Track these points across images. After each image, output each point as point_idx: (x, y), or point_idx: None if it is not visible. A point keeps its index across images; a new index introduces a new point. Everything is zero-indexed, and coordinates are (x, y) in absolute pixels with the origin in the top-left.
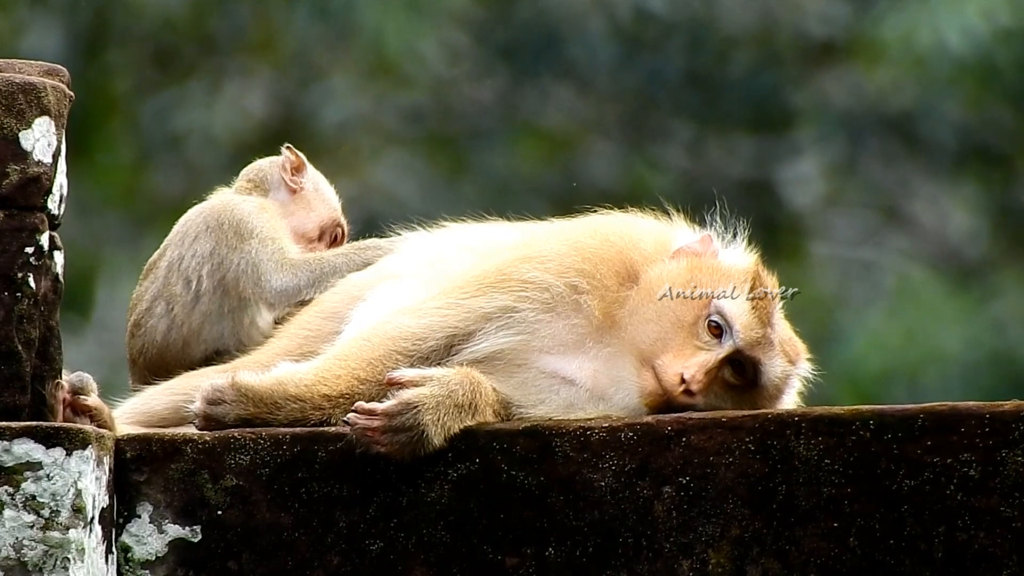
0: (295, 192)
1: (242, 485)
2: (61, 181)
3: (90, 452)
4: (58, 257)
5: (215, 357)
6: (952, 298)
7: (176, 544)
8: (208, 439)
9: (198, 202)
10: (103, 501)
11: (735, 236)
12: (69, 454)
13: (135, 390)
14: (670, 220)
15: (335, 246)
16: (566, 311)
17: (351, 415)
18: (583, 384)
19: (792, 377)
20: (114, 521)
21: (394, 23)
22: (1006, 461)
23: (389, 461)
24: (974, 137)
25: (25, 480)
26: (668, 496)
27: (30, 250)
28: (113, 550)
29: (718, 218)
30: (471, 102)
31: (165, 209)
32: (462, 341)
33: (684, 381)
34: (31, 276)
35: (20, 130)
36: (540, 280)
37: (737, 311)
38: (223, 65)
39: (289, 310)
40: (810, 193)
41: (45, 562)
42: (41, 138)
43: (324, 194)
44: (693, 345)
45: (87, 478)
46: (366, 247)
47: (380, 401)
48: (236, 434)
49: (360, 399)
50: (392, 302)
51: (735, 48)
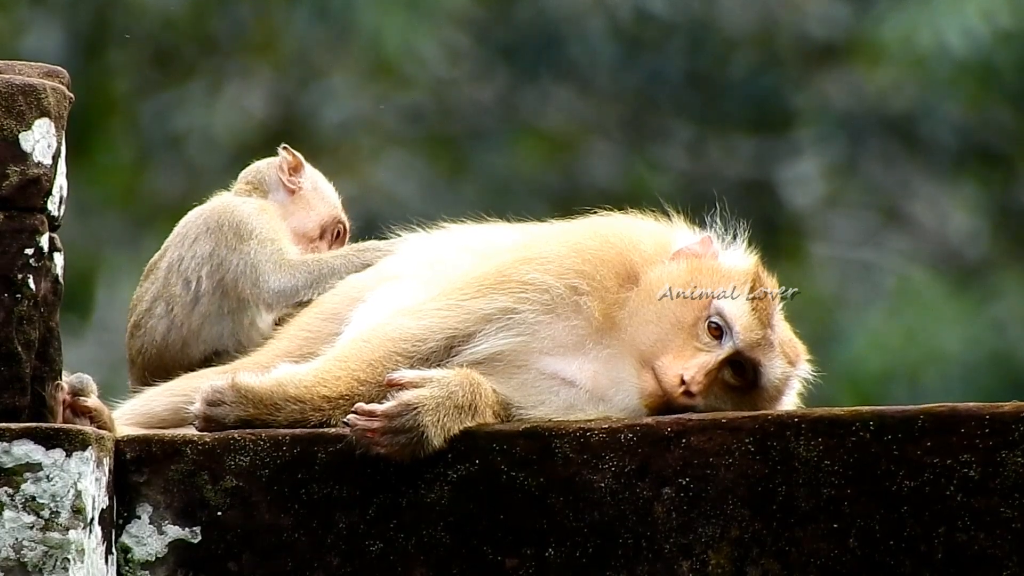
0: (294, 192)
1: (242, 486)
2: (61, 182)
3: (90, 453)
4: (58, 258)
5: (214, 358)
6: (952, 299)
7: (176, 545)
8: (208, 440)
9: (198, 203)
10: (103, 502)
11: (735, 237)
12: (69, 455)
13: (134, 391)
14: (670, 221)
15: (337, 244)
16: (566, 312)
17: (351, 416)
18: (583, 385)
19: (792, 378)
20: (114, 522)
21: (394, 23)
22: (1006, 462)
23: (389, 462)
24: (974, 138)
25: (25, 481)
26: (668, 497)
27: (30, 251)
28: (113, 551)
29: (718, 219)
30: (471, 102)
31: (165, 210)
32: (462, 342)
33: (684, 382)
34: (31, 277)
35: (20, 131)
36: (540, 281)
37: (737, 312)
38: (223, 65)
39: (288, 311)
40: (810, 194)
41: (45, 563)
42: (41, 139)
43: (323, 192)
44: (693, 346)
45: (87, 479)
46: (365, 248)
47: (380, 402)
48: (236, 435)
49: (360, 400)
50: (392, 303)
51: (735, 49)
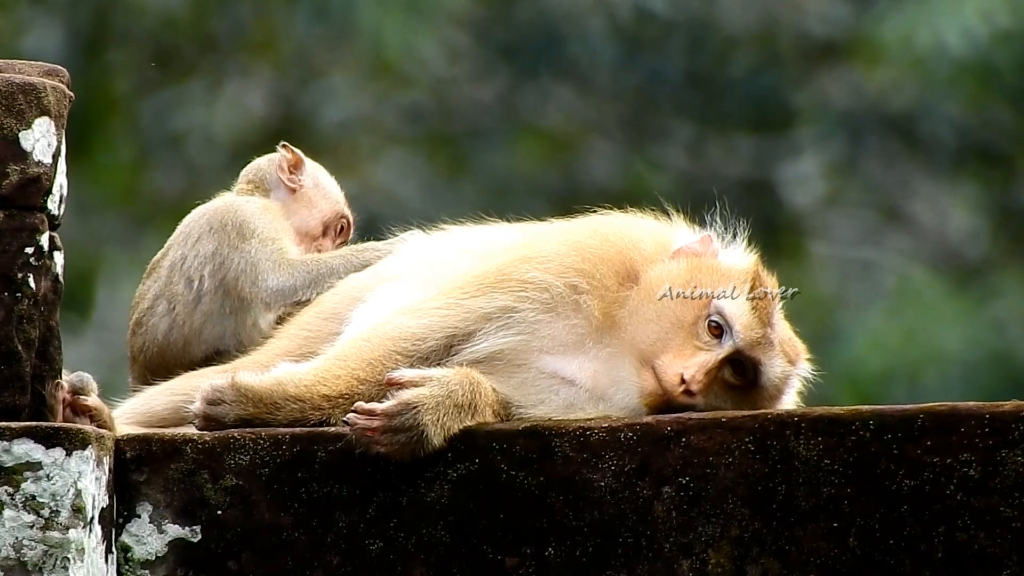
0: (295, 191)
1: (242, 485)
2: (61, 181)
3: (90, 452)
4: (58, 257)
5: (216, 357)
6: (952, 298)
7: (176, 544)
8: (208, 439)
9: (199, 202)
10: (103, 501)
11: (735, 236)
12: (69, 454)
13: (135, 390)
14: (670, 220)
15: (342, 238)
16: (566, 311)
17: (351, 415)
18: (583, 384)
19: (792, 377)
20: (114, 521)
21: (394, 23)
22: (1006, 461)
23: (389, 461)
24: (974, 137)
25: (25, 480)
26: (668, 496)
27: (30, 250)
28: (113, 550)
29: (718, 218)
30: (471, 102)
31: (165, 209)
32: (462, 341)
33: (684, 381)
34: (31, 276)
35: (20, 130)
36: (540, 280)
37: (737, 311)
38: (223, 65)
39: (288, 311)
40: (810, 193)
41: (45, 562)
42: (41, 138)
43: (325, 188)
44: (693, 345)
45: (87, 478)
46: (364, 249)
47: (380, 401)
48: (236, 434)
49: (360, 399)
50: (392, 303)
51: (735, 48)
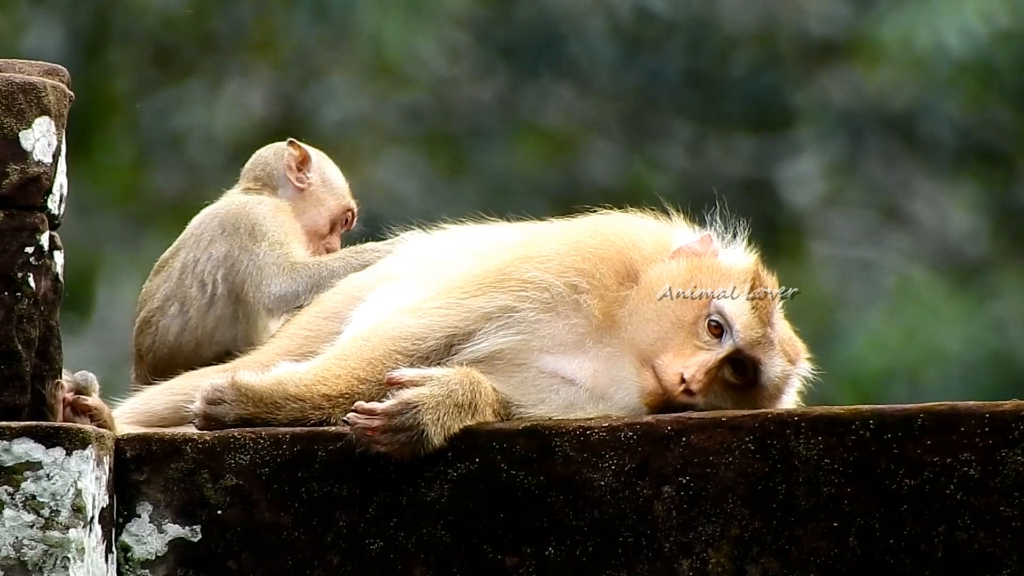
0: (303, 190)
1: (242, 485)
2: (61, 181)
3: (90, 452)
4: (58, 257)
5: (225, 358)
6: (952, 298)
7: (176, 544)
8: (208, 439)
9: (207, 201)
10: (103, 501)
11: (735, 236)
12: (69, 454)
13: (135, 389)
14: (670, 220)
15: (346, 228)
16: (566, 311)
17: (351, 415)
18: (583, 384)
19: (792, 377)
20: (114, 521)
21: (394, 22)
22: (1006, 460)
23: (389, 461)
24: (974, 137)
25: (25, 480)
26: (668, 496)
27: (30, 250)
28: (113, 549)
29: (718, 218)
30: (471, 101)
31: (165, 208)
32: (462, 341)
33: (684, 381)
34: (31, 276)
35: (20, 130)
36: (540, 280)
37: (737, 311)
38: (223, 64)
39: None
40: (810, 193)
41: (45, 562)
42: (41, 138)
43: (332, 184)
44: (693, 345)
45: (87, 478)
46: (364, 250)
47: (380, 401)
48: (236, 434)
49: (360, 399)
50: (392, 302)
51: (735, 48)
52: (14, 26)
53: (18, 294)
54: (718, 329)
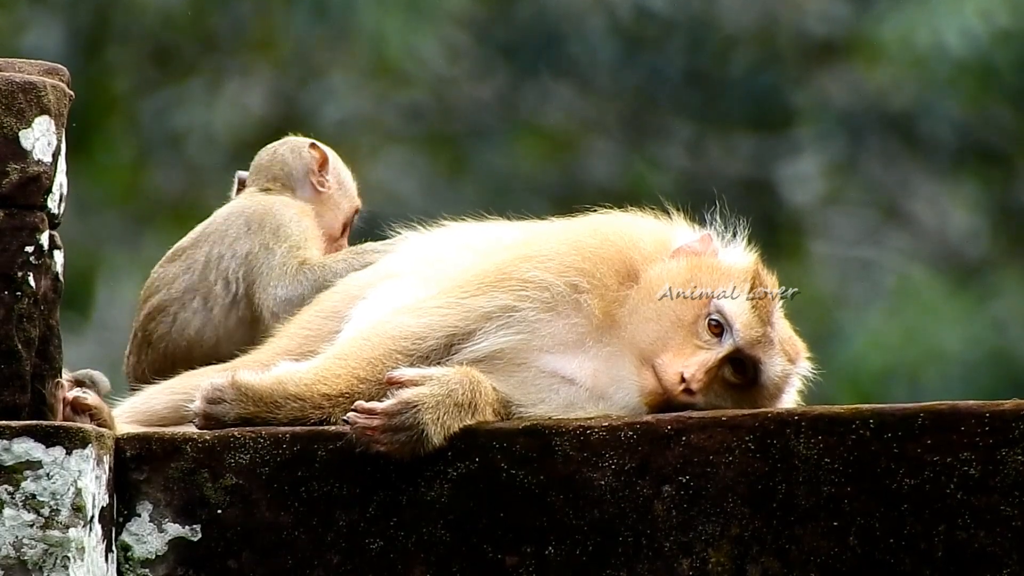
0: (321, 193)
1: (242, 484)
2: (61, 180)
3: (90, 451)
4: (58, 256)
5: (239, 355)
6: (952, 297)
7: (176, 543)
8: (208, 438)
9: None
10: (103, 500)
11: (735, 235)
12: (69, 453)
13: (133, 380)
14: (670, 219)
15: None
16: (566, 310)
17: (351, 414)
18: (583, 383)
19: (792, 376)
20: (114, 520)
21: (394, 22)
22: (1006, 460)
23: (389, 460)
24: (974, 136)
25: (25, 479)
26: (668, 495)
27: (30, 249)
28: (113, 549)
29: (718, 217)
30: (471, 101)
31: (165, 208)
32: (462, 340)
33: (684, 380)
34: (31, 275)
35: (20, 129)
36: (540, 279)
37: (737, 310)
38: (223, 63)
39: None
40: (810, 192)
41: (45, 561)
42: (41, 137)
43: (346, 186)
44: (693, 344)
45: (87, 477)
46: (365, 251)
47: (380, 400)
48: (236, 433)
49: (360, 398)
50: (392, 301)
51: (735, 47)
52: (14, 25)
53: (18, 293)
54: (718, 328)
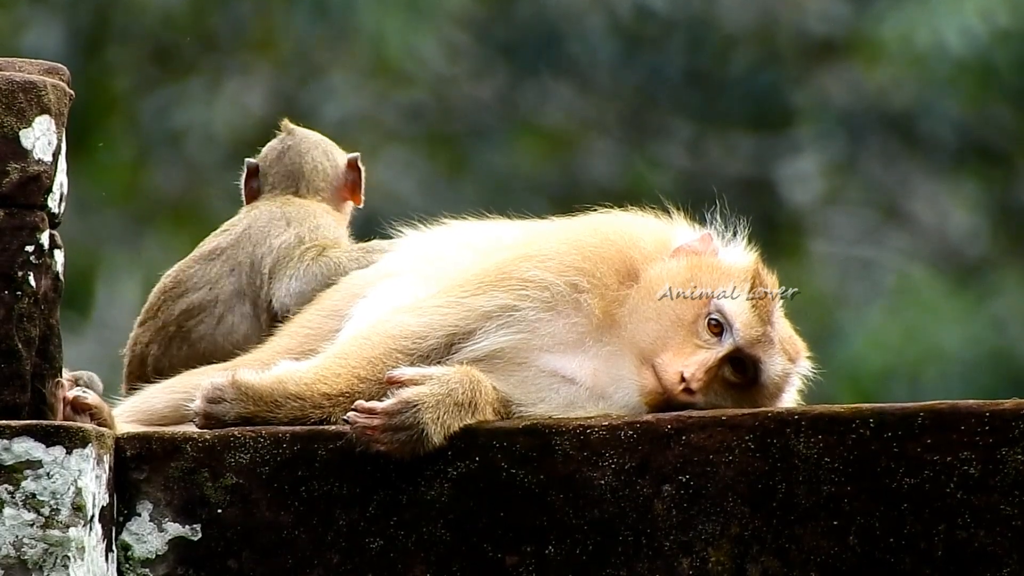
0: (345, 202)
1: (242, 483)
2: (61, 179)
3: (90, 450)
4: (58, 255)
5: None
6: (952, 296)
7: (176, 542)
8: (208, 437)
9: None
10: (103, 499)
11: (735, 234)
12: (69, 452)
13: (132, 388)
14: (670, 218)
15: None
16: (566, 310)
17: (351, 414)
18: (583, 382)
19: (792, 375)
20: (114, 519)
21: (394, 21)
22: (1006, 459)
23: (389, 459)
24: (973, 136)
25: (25, 479)
26: (668, 494)
27: (30, 248)
28: (113, 548)
29: (718, 216)
30: (471, 100)
31: (165, 207)
32: (462, 339)
33: (684, 379)
34: (31, 274)
35: (20, 128)
36: (540, 279)
37: (737, 309)
38: (223, 63)
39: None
40: (810, 191)
41: (45, 560)
42: (41, 136)
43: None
44: (693, 343)
45: (87, 476)
46: (373, 249)
47: (380, 400)
48: (236, 432)
49: (360, 397)
50: (392, 300)
51: (735, 46)
52: (14, 25)
53: (18, 293)
54: (718, 328)
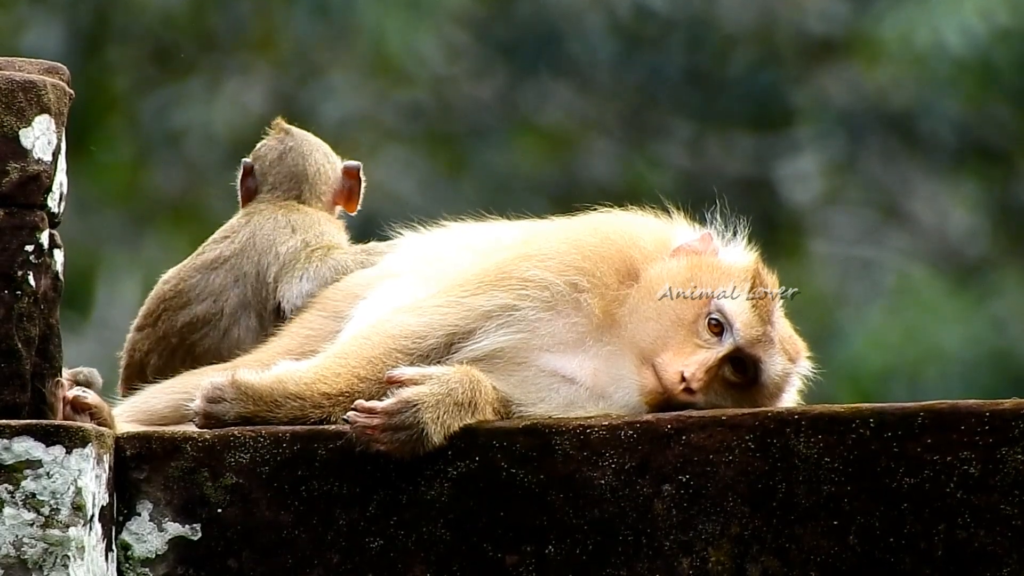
0: (337, 206)
1: (242, 483)
2: (61, 179)
3: (90, 450)
4: (58, 255)
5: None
6: (952, 296)
7: (176, 542)
8: (208, 437)
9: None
10: (103, 499)
11: (735, 234)
12: (69, 452)
13: (128, 392)
14: (670, 218)
15: None
16: (566, 309)
17: (351, 413)
18: (583, 382)
19: (792, 375)
20: (114, 519)
21: (394, 21)
22: (1006, 459)
23: (389, 459)
24: (973, 135)
25: (25, 478)
26: (668, 494)
27: (30, 248)
28: (113, 548)
29: (718, 216)
30: (471, 99)
31: (165, 207)
32: (462, 339)
33: (684, 379)
34: (31, 274)
35: (20, 128)
36: (540, 278)
37: (737, 309)
38: (223, 62)
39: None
40: (810, 191)
41: (45, 560)
42: (41, 136)
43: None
44: (693, 343)
45: (87, 476)
46: (373, 251)
47: (380, 399)
48: (236, 432)
49: (360, 397)
50: (392, 300)
51: (735, 46)
52: (14, 24)
53: (18, 292)
54: (718, 327)
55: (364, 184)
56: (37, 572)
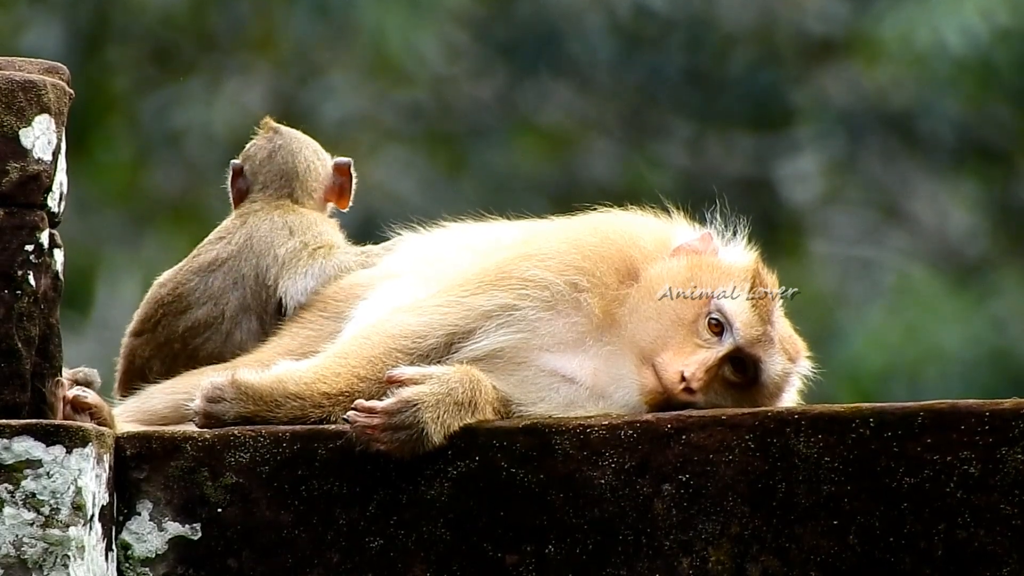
0: (328, 204)
1: (242, 483)
2: (61, 179)
3: (90, 450)
4: (58, 255)
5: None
6: (952, 296)
7: (176, 542)
8: (208, 437)
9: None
10: (103, 499)
11: (735, 234)
12: (69, 452)
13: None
14: (670, 218)
15: None
16: (566, 309)
17: (351, 413)
18: (583, 382)
19: (792, 375)
20: (114, 519)
21: (394, 20)
22: (1006, 459)
23: (389, 459)
24: (973, 135)
25: (25, 478)
26: (668, 494)
27: (30, 248)
28: (113, 548)
29: (718, 216)
30: (470, 99)
31: (165, 207)
32: (462, 339)
33: (684, 379)
34: (31, 274)
35: (20, 128)
36: (540, 278)
37: (737, 309)
38: (222, 62)
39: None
40: (810, 191)
41: (45, 560)
42: (41, 136)
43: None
44: (693, 343)
45: (87, 476)
46: (371, 252)
47: (380, 399)
48: (236, 432)
49: (360, 397)
50: (392, 300)
51: (735, 46)
52: (14, 24)
53: (18, 292)
54: (718, 327)
55: (355, 180)
56: (37, 572)
